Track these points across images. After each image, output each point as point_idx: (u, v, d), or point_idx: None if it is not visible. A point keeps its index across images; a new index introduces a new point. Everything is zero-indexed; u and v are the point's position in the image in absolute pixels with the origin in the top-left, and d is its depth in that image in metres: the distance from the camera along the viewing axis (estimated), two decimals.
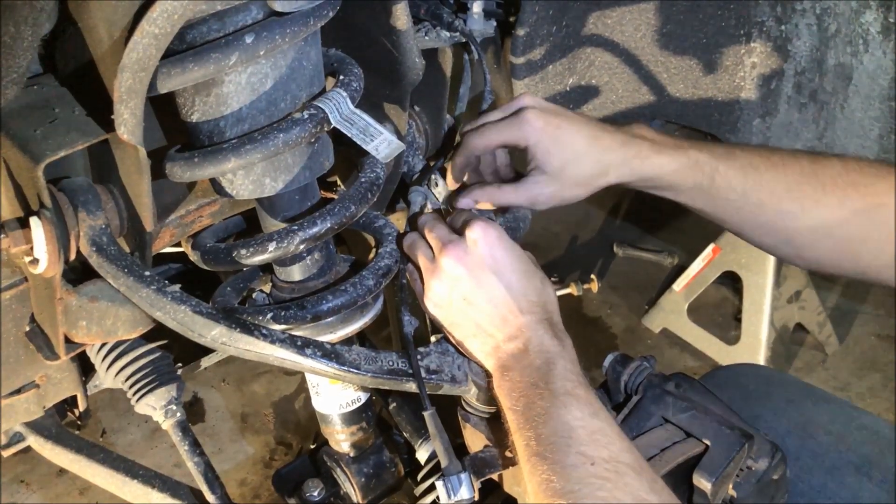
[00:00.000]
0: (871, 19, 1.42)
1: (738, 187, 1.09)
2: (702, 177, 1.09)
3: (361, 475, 1.30)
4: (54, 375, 1.22)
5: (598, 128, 1.11)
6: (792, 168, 1.08)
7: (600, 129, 1.11)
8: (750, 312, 2.49)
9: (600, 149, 1.09)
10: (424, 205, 1.16)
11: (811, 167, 1.07)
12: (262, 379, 2.51)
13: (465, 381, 1.04)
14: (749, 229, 1.14)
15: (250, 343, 0.93)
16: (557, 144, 1.08)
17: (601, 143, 1.09)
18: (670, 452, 0.97)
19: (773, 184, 1.08)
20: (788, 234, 1.10)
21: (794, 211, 1.07)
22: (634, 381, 1.04)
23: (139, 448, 2.28)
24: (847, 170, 1.06)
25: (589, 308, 2.86)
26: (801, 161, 1.08)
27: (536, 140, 1.08)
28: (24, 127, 0.93)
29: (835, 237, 1.07)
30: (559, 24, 1.41)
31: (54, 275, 0.95)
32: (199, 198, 1.10)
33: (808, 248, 1.10)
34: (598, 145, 1.09)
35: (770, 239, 1.13)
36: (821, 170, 1.07)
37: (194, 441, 1.37)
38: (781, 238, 1.12)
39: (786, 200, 1.08)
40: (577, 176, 1.09)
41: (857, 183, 1.05)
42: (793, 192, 1.07)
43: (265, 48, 0.86)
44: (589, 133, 1.09)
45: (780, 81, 1.55)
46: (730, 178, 1.09)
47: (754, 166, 1.09)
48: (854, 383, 2.56)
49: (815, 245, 1.09)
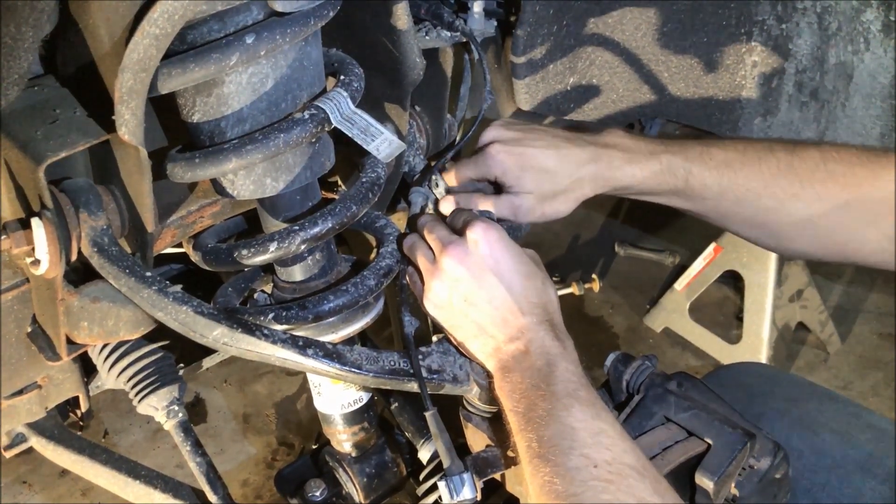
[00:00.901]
0: (872, 18, 1.42)
1: (713, 186, 1.11)
2: (675, 180, 1.12)
3: (363, 475, 1.30)
4: (56, 376, 1.22)
5: (567, 143, 1.14)
6: (768, 163, 1.09)
7: (570, 143, 1.14)
8: (751, 311, 2.49)
9: (571, 164, 1.12)
10: (425, 206, 1.16)
11: (788, 160, 1.08)
12: (264, 379, 2.51)
13: (467, 380, 1.04)
14: (730, 224, 1.16)
15: (252, 343, 0.93)
16: (526, 169, 1.12)
17: (571, 158, 1.12)
18: (672, 452, 0.97)
19: (749, 181, 1.10)
20: (770, 227, 1.12)
21: (773, 206, 1.09)
22: (636, 381, 1.04)
23: (141, 449, 2.28)
24: (825, 160, 1.07)
25: (590, 307, 2.86)
26: (777, 154, 1.09)
27: (503, 171, 1.13)
28: (26, 128, 0.93)
29: (817, 228, 1.08)
30: (560, 24, 1.41)
31: (56, 276, 0.95)
32: (200, 198, 1.10)
33: (791, 239, 1.12)
34: (568, 161, 1.12)
35: (752, 232, 1.16)
36: (798, 162, 1.08)
37: (196, 441, 1.37)
38: (764, 231, 1.14)
39: (763, 196, 1.09)
40: (554, 193, 1.13)
41: (835, 172, 1.06)
42: (770, 188, 1.09)
43: (266, 48, 0.86)
44: (557, 151, 1.13)
45: (781, 80, 1.55)
46: (704, 179, 1.11)
47: (729, 164, 1.11)
48: (856, 382, 2.56)
49: (798, 237, 1.11)
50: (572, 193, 1.13)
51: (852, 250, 1.07)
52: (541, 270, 1.01)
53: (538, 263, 1.02)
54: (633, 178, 1.12)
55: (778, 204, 1.09)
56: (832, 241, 1.08)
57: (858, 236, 1.06)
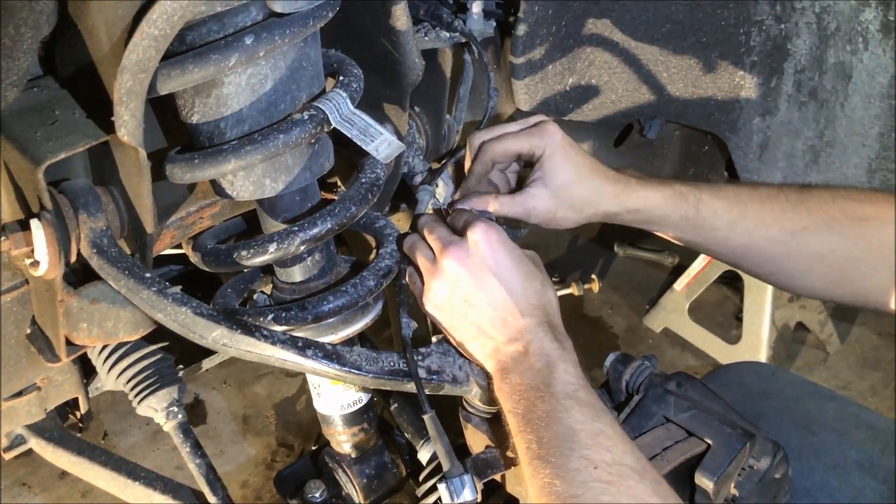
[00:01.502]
0: (871, 17, 1.42)
1: (724, 216, 1.11)
2: (687, 207, 1.11)
3: (363, 476, 1.30)
4: (56, 378, 1.22)
5: (596, 161, 1.15)
6: (778, 199, 1.10)
7: (598, 162, 1.15)
8: (751, 311, 2.49)
9: (598, 179, 1.12)
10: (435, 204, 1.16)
11: (798, 196, 1.10)
12: (263, 381, 2.51)
13: (467, 381, 1.04)
14: (740, 259, 1.16)
15: (251, 344, 0.93)
16: (568, 161, 1.11)
17: (599, 173, 1.13)
18: (672, 452, 0.97)
19: (760, 213, 1.10)
20: (780, 262, 1.12)
21: (784, 239, 1.09)
22: (636, 381, 1.04)
23: (141, 450, 2.28)
24: (835, 197, 1.08)
25: (590, 308, 2.86)
26: (787, 192, 1.11)
27: (552, 152, 1.11)
28: (25, 129, 0.93)
29: (826, 262, 1.08)
30: (559, 24, 1.41)
31: (55, 277, 0.95)
32: (199, 199, 1.10)
33: (801, 275, 1.12)
34: (597, 175, 1.12)
35: (762, 269, 1.15)
36: (808, 198, 1.09)
37: (196, 443, 1.37)
38: (774, 267, 1.13)
39: (773, 228, 1.10)
40: (574, 199, 1.12)
41: (845, 207, 1.07)
42: (780, 221, 1.09)
43: (265, 49, 0.86)
44: (591, 163, 1.13)
45: (779, 80, 1.55)
46: (715, 208, 1.12)
47: (740, 198, 1.12)
48: (855, 382, 2.56)
49: (809, 272, 1.11)
50: (588, 207, 1.13)
51: (866, 290, 1.07)
52: (541, 272, 1.01)
53: (538, 265, 1.02)
54: (646, 199, 1.12)
55: (789, 237, 1.09)
56: (845, 277, 1.08)
57: (867, 272, 1.06)
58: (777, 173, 1.63)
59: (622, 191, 1.12)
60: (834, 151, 1.56)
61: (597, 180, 1.12)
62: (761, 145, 1.62)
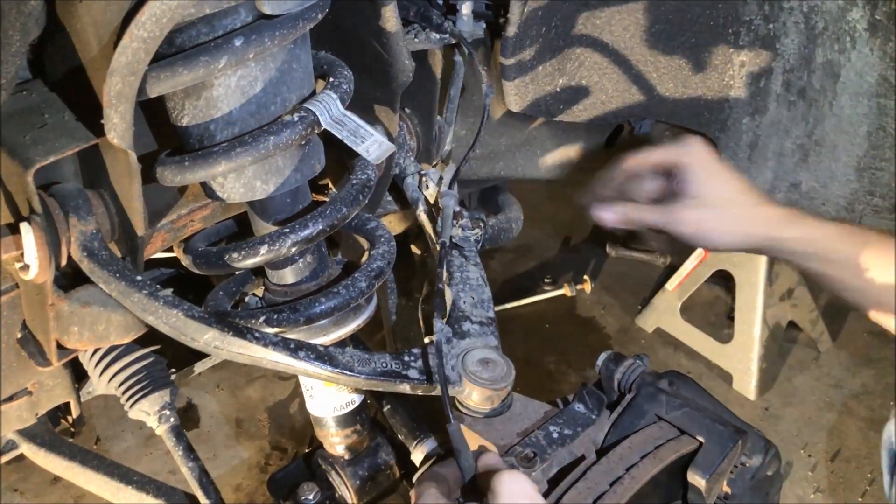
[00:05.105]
0: (858, 17, 1.43)
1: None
2: (850, 248, 1.01)
3: (356, 478, 1.30)
4: (47, 382, 1.22)
5: (745, 182, 1.07)
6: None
7: (747, 184, 1.07)
8: (743, 311, 2.50)
9: (749, 201, 1.05)
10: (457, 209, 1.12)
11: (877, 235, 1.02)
12: (256, 384, 2.51)
13: (459, 381, 1.04)
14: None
15: (243, 346, 0.92)
16: (712, 175, 1.04)
17: (750, 195, 1.05)
18: (664, 450, 0.97)
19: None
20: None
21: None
22: (628, 380, 1.04)
23: (134, 455, 2.28)
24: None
25: (582, 308, 2.87)
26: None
27: (695, 163, 1.04)
28: (14, 132, 0.92)
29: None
30: (549, 25, 1.41)
31: (45, 281, 0.95)
32: (190, 202, 1.10)
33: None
34: (747, 196, 1.05)
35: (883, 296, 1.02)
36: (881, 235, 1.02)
37: (188, 446, 1.37)
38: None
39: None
40: (724, 213, 1.04)
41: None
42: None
43: (255, 51, 0.86)
44: (739, 183, 1.05)
45: (768, 79, 1.56)
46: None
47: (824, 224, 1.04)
48: (847, 380, 2.57)
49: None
50: (741, 228, 1.03)
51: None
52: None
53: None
54: (813, 232, 1.03)
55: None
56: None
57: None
58: (767, 172, 1.64)
59: (785, 216, 1.03)
60: (823, 150, 1.56)
61: (748, 204, 1.04)
62: (751, 144, 1.63)
